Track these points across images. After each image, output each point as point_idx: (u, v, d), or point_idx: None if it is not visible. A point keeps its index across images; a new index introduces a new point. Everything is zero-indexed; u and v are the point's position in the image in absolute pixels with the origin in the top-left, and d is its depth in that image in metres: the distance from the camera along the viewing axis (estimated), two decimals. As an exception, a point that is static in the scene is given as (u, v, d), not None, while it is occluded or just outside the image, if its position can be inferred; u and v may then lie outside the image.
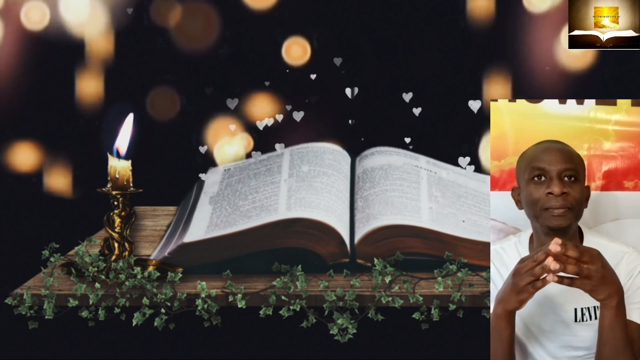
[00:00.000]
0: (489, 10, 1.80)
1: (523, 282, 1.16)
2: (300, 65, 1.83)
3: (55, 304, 1.36)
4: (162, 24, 1.82)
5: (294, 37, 1.82)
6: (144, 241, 1.60)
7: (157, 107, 1.84)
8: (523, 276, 1.16)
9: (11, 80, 1.83)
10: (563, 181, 1.23)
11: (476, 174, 1.66)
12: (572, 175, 1.23)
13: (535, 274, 1.15)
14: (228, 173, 1.65)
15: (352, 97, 1.72)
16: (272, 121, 1.76)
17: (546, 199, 1.22)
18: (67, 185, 1.84)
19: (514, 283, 1.17)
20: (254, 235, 1.44)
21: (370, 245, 1.44)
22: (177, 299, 1.35)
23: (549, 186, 1.22)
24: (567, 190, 1.22)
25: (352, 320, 1.33)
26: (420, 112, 1.76)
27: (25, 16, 1.81)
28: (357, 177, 1.60)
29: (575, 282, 1.14)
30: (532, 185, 1.24)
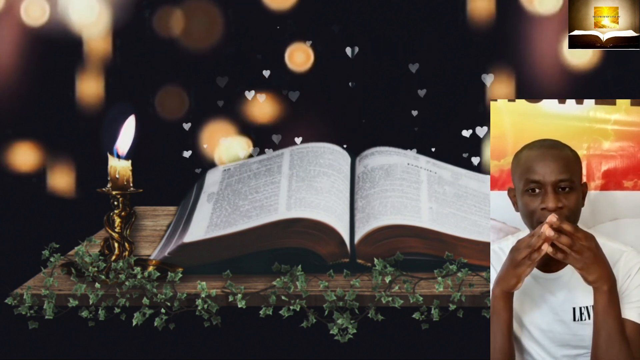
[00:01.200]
0: (489, 11, 1.80)
1: (520, 255, 1.18)
2: (304, 71, 1.83)
3: (55, 304, 1.36)
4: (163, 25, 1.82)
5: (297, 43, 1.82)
6: (144, 241, 1.60)
7: (157, 107, 1.84)
8: (520, 249, 1.19)
9: (11, 79, 1.83)
10: (558, 193, 1.22)
11: (476, 174, 1.66)
12: (567, 185, 1.22)
13: (531, 244, 1.18)
14: (228, 173, 1.65)
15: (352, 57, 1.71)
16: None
17: (541, 213, 1.22)
18: (67, 185, 1.84)
19: (512, 258, 1.19)
20: (254, 235, 1.44)
21: (370, 245, 1.44)
22: (177, 299, 1.35)
23: (544, 201, 1.22)
24: (562, 203, 1.21)
25: (352, 320, 1.33)
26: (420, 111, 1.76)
27: (25, 14, 1.81)
28: (357, 177, 1.60)
29: (568, 257, 1.17)
30: (527, 197, 1.23)
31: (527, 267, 1.19)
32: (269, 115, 1.83)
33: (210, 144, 1.84)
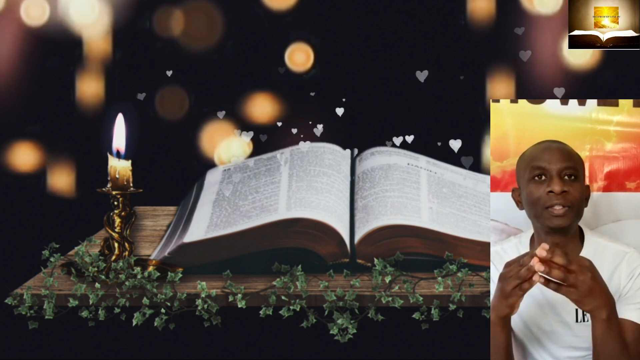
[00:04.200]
0: (489, 11, 1.80)
1: (509, 286, 1.15)
2: (304, 71, 1.83)
3: (55, 304, 1.36)
4: (164, 26, 1.82)
5: (297, 43, 1.82)
6: (144, 241, 1.59)
7: (158, 106, 1.84)
8: (509, 280, 1.15)
9: (11, 80, 1.83)
10: (563, 180, 1.23)
11: (476, 174, 1.66)
12: (572, 174, 1.23)
13: (520, 276, 1.14)
14: (228, 173, 1.65)
15: (341, 116, 1.72)
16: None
17: (547, 198, 1.22)
18: (67, 185, 1.84)
19: (501, 288, 1.16)
20: (254, 236, 1.44)
21: (370, 245, 1.44)
22: (177, 299, 1.35)
23: (550, 184, 1.23)
24: (568, 188, 1.22)
25: (352, 320, 1.33)
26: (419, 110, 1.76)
27: (25, 14, 1.80)
28: (357, 177, 1.60)
29: (561, 289, 1.13)
30: (532, 185, 1.24)
31: (519, 298, 1.15)
32: (269, 115, 1.83)
33: (210, 144, 1.84)
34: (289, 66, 1.82)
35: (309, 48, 1.83)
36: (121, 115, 1.43)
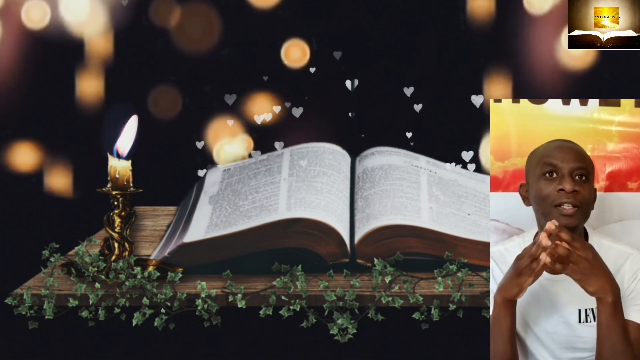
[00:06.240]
0: (489, 10, 1.80)
1: (523, 264, 1.18)
2: (300, 68, 1.83)
3: (55, 304, 1.36)
4: (162, 25, 1.82)
5: (293, 39, 1.82)
6: (144, 241, 1.59)
7: (157, 106, 1.84)
8: (524, 258, 1.19)
9: (11, 80, 1.83)
10: (574, 179, 1.23)
11: (476, 174, 1.66)
12: (584, 174, 1.24)
13: (532, 253, 1.18)
14: (228, 173, 1.65)
15: (352, 89, 1.71)
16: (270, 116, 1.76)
17: (557, 196, 1.23)
18: (67, 185, 1.84)
19: (516, 266, 1.19)
20: (254, 235, 1.44)
21: (370, 245, 1.44)
22: (177, 299, 1.35)
23: (561, 183, 1.23)
24: (578, 188, 1.23)
25: (352, 320, 1.33)
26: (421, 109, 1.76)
27: (25, 15, 1.80)
28: (357, 177, 1.60)
29: (566, 267, 1.17)
30: (543, 181, 1.24)
31: (529, 277, 1.19)
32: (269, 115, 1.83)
33: (210, 145, 1.84)
34: (285, 62, 1.82)
35: (304, 44, 1.82)
36: (135, 117, 1.43)
